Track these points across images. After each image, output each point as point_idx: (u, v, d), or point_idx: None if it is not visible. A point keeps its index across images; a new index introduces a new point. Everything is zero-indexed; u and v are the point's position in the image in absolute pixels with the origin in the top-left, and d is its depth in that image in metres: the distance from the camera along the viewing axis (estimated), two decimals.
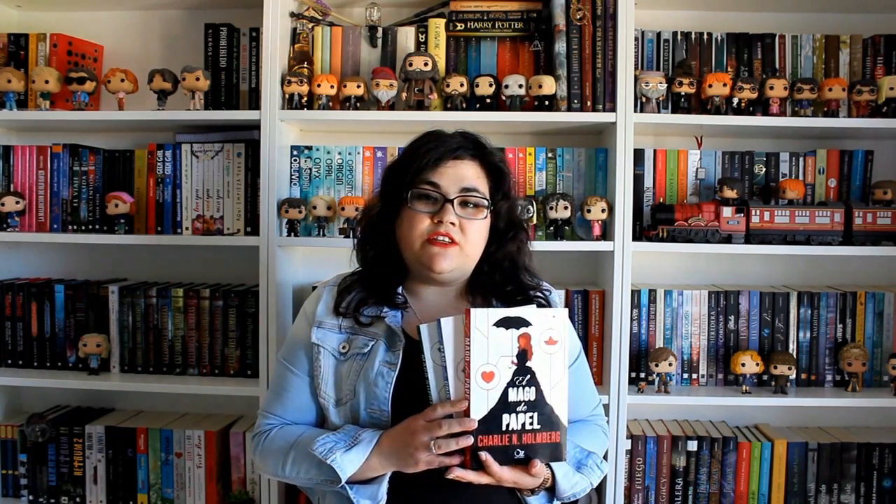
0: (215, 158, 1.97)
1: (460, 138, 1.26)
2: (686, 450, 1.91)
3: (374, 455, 1.13)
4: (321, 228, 1.92)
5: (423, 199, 1.22)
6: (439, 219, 1.19)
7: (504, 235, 1.28)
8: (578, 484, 1.20)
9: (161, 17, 2.15)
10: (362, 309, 1.25)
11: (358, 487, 1.14)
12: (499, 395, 1.08)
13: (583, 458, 1.22)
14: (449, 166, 1.22)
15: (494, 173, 1.27)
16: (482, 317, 1.08)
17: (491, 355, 1.08)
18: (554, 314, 1.12)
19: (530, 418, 1.10)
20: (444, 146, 1.23)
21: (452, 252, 1.20)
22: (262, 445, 1.26)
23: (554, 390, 1.11)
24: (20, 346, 2.02)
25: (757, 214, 1.87)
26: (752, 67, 1.97)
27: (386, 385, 1.18)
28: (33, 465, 1.99)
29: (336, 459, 1.12)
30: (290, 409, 1.28)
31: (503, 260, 1.28)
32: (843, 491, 1.92)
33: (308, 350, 1.26)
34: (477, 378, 1.07)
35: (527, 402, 1.10)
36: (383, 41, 1.98)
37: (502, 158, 1.31)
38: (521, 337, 1.09)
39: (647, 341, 1.94)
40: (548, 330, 1.10)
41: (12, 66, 2.01)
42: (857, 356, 1.87)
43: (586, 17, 1.85)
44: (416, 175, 1.22)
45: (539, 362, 1.10)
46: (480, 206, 1.23)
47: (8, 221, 1.97)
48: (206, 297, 1.97)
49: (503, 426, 1.09)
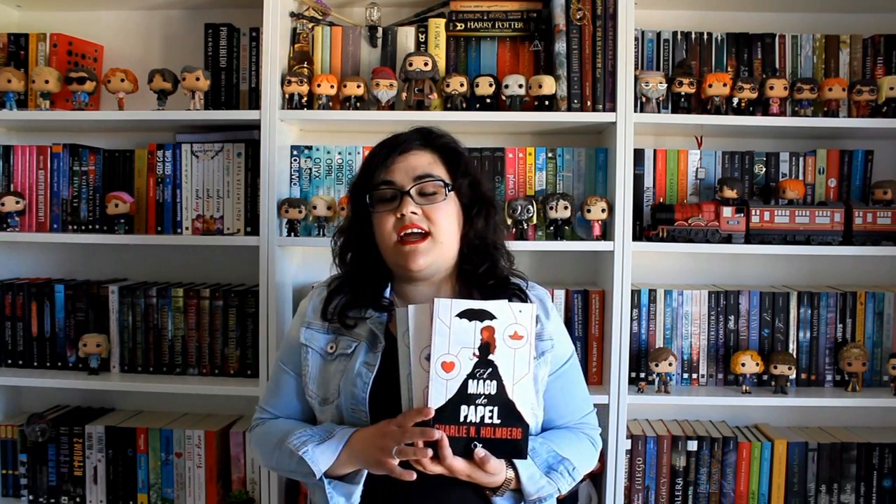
0: (215, 158, 1.97)
1: (408, 133, 1.28)
2: (686, 450, 1.91)
3: (345, 451, 1.15)
4: (321, 228, 1.93)
5: (383, 200, 1.24)
6: (400, 212, 1.21)
7: (470, 212, 1.28)
8: (545, 489, 1.18)
9: (161, 17, 2.15)
10: (348, 311, 1.27)
11: (336, 483, 1.16)
12: (458, 385, 1.08)
13: (554, 463, 1.20)
14: (399, 161, 1.24)
15: (447, 155, 1.28)
16: (445, 307, 1.08)
17: (452, 345, 1.08)
18: (521, 309, 1.11)
19: (490, 412, 1.09)
20: (391, 144, 1.26)
21: (424, 246, 1.21)
22: (256, 437, 1.31)
23: (517, 386, 1.10)
24: (20, 346, 2.02)
25: (757, 214, 1.87)
26: (752, 67, 1.97)
27: (364, 385, 1.19)
28: (33, 465, 1.99)
29: (308, 452, 1.15)
30: (283, 406, 1.32)
31: (474, 238, 1.28)
32: (843, 491, 1.92)
33: (297, 350, 1.29)
34: (437, 367, 1.08)
35: (487, 396, 1.09)
36: (383, 41, 1.98)
37: (452, 139, 1.31)
38: (484, 329, 1.09)
39: (647, 341, 1.94)
40: (513, 325, 1.10)
41: (12, 66, 2.01)
42: (857, 356, 1.87)
43: (586, 17, 1.85)
44: (371, 178, 1.24)
45: (502, 356, 1.10)
46: (438, 189, 1.23)
47: (8, 221, 1.97)
48: (206, 297, 1.97)
49: (461, 417, 1.09)
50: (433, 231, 1.21)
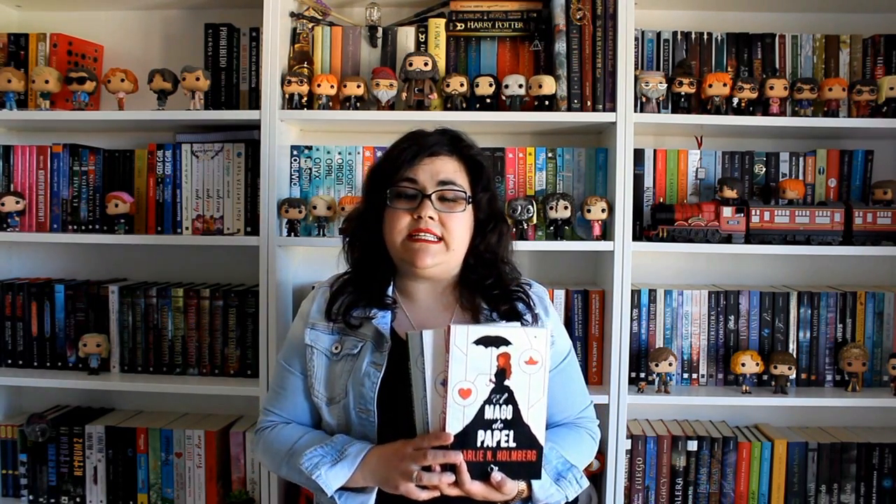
0: (215, 158, 1.97)
1: (438, 135, 1.28)
2: (686, 450, 1.91)
3: (359, 471, 1.14)
4: (321, 228, 1.93)
5: (403, 196, 1.24)
6: (418, 214, 1.21)
7: (485, 227, 1.30)
8: (553, 496, 1.19)
9: (161, 17, 2.15)
10: (352, 311, 1.27)
11: (348, 495, 1.16)
12: (475, 411, 1.09)
13: (563, 471, 1.21)
14: (426, 163, 1.24)
15: (472, 166, 1.29)
16: (462, 334, 1.08)
17: (469, 372, 1.08)
18: (535, 335, 1.11)
19: (506, 436, 1.10)
20: (420, 144, 1.26)
21: (435, 248, 1.22)
22: (262, 443, 1.30)
23: (532, 410, 1.11)
24: (20, 346, 2.02)
25: (757, 214, 1.87)
26: (752, 67, 1.97)
27: (372, 385, 1.20)
28: (33, 465, 1.99)
29: (321, 476, 1.14)
30: (288, 407, 1.31)
31: (485, 252, 1.30)
32: (843, 491, 1.92)
33: (302, 351, 1.29)
34: (454, 394, 1.08)
35: (503, 421, 1.10)
36: (383, 41, 1.98)
37: (479, 152, 1.32)
38: (500, 356, 1.09)
39: (647, 341, 1.94)
40: (528, 350, 1.10)
41: (12, 66, 2.01)
42: (857, 356, 1.87)
43: (586, 17, 1.85)
44: (394, 174, 1.24)
45: (517, 382, 1.10)
46: (459, 198, 1.24)
47: (8, 221, 1.97)
48: (206, 297, 1.97)
49: (478, 442, 1.09)
50: (446, 238, 1.23)
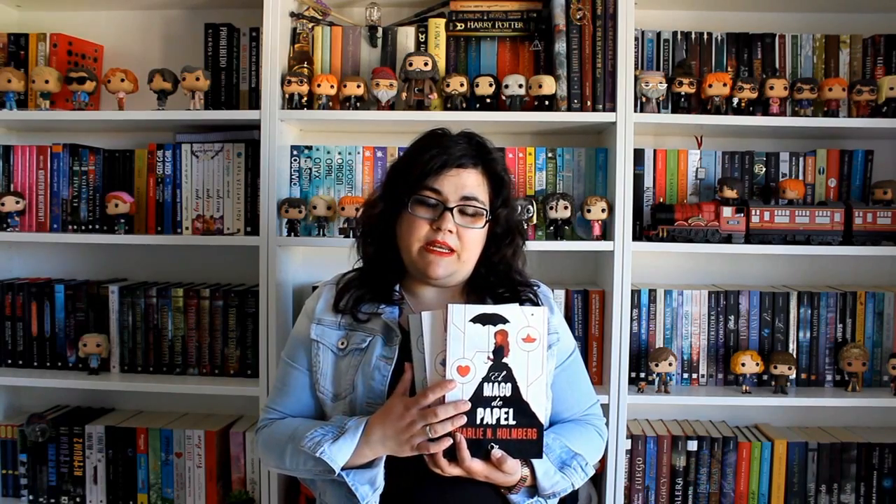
0: (215, 158, 1.97)
1: (465, 144, 1.27)
2: (686, 450, 1.91)
3: (363, 443, 1.14)
4: (321, 228, 1.93)
5: (424, 205, 1.23)
6: (438, 226, 1.22)
7: (502, 241, 1.30)
8: (559, 483, 1.20)
9: (161, 17, 2.15)
10: (360, 306, 1.27)
11: (355, 473, 1.15)
12: (473, 389, 1.11)
13: (567, 459, 1.22)
14: (451, 174, 1.23)
15: (495, 181, 1.29)
16: (459, 312, 1.10)
17: (467, 350, 1.10)
18: (532, 312, 1.13)
19: (505, 413, 1.12)
20: (449, 153, 1.24)
21: (448, 260, 1.23)
22: (263, 439, 1.29)
23: (531, 387, 1.12)
24: (20, 346, 2.02)
25: (757, 214, 1.87)
26: (752, 67, 1.97)
27: (382, 378, 1.20)
28: (33, 465, 1.99)
29: (325, 451, 1.14)
30: (291, 403, 1.30)
31: (499, 263, 1.31)
32: (843, 491, 1.92)
33: (307, 346, 1.28)
34: (452, 372, 1.10)
35: (502, 398, 1.11)
36: (383, 41, 1.98)
37: (504, 167, 1.32)
38: (497, 333, 1.11)
39: (647, 341, 1.94)
40: (525, 328, 1.12)
41: (12, 66, 2.01)
42: (857, 356, 1.87)
43: (586, 17, 1.85)
44: (418, 180, 1.23)
45: (516, 359, 1.12)
46: (479, 214, 1.25)
47: (8, 221, 1.97)
48: (206, 297, 1.97)
49: (477, 420, 1.11)
50: (460, 251, 1.23)
